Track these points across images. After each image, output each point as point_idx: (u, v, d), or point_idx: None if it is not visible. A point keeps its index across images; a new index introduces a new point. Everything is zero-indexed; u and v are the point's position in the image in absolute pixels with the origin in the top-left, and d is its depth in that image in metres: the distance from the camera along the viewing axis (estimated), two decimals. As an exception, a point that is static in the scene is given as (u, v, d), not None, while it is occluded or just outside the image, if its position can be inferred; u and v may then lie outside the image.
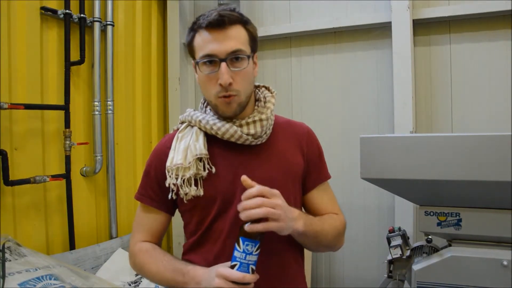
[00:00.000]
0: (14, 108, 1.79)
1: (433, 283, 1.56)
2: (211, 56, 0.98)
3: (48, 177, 1.93)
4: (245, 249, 0.87)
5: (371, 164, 1.55)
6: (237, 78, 0.99)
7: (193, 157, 1.01)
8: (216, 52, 0.97)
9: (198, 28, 1.01)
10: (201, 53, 0.99)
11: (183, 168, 1.01)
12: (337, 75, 2.54)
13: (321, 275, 2.60)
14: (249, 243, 0.88)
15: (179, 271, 0.99)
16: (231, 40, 0.98)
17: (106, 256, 2.14)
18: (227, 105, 1.00)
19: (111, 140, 2.34)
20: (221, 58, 0.97)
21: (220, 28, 0.98)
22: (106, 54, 2.32)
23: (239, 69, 0.99)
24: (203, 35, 1.00)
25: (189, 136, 1.06)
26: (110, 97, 2.33)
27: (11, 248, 1.63)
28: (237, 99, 1.01)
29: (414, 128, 2.24)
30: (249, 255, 0.88)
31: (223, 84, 0.97)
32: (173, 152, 1.05)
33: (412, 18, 2.26)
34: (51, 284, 1.54)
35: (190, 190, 1.01)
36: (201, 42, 1.00)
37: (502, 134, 1.37)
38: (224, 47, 0.97)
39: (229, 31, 0.98)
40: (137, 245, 1.11)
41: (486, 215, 1.52)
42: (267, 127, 1.06)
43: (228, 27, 0.98)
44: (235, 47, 0.98)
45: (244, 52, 1.00)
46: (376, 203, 2.42)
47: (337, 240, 1.13)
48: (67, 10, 2.06)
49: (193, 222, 1.08)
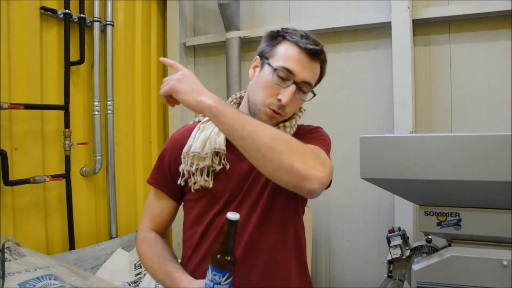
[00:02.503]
0: (14, 108, 1.79)
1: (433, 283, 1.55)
2: (291, 73, 1.01)
3: (48, 177, 1.93)
4: (213, 278, 0.86)
5: (371, 164, 1.55)
6: (293, 104, 1.03)
7: (211, 149, 1.03)
8: (297, 74, 1.01)
9: (294, 42, 1.02)
10: (284, 64, 1.01)
11: (199, 157, 1.03)
12: (337, 75, 2.54)
13: (321, 275, 2.59)
14: (217, 273, 0.85)
15: (168, 275, 1.00)
16: (312, 73, 1.04)
17: (106, 256, 2.14)
18: (270, 119, 1.03)
19: (111, 140, 2.34)
20: (296, 81, 1.01)
21: (312, 58, 1.03)
22: (106, 54, 2.32)
23: (299, 98, 1.04)
24: (296, 51, 1.02)
25: (211, 128, 1.07)
26: (110, 97, 2.33)
27: (11, 248, 1.63)
28: (280, 119, 1.05)
29: (414, 128, 2.24)
30: (217, 284, 0.86)
31: (282, 102, 1.00)
32: (192, 140, 1.06)
33: (411, 18, 2.26)
34: (51, 284, 1.54)
35: (200, 180, 1.03)
36: (290, 55, 1.01)
37: (502, 134, 1.37)
38: (305, 75, 1.02)
39: (315, 65, 1.05)
40: (142, 233, 1.13)
41: (486, 215, 1.52)
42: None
43: (317, 60, 1.04)
44: (310, 80, 1.04)
45: (311, 88, 1.05)
46: (376, 203, 2.42)
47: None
48: (66, 10, 2.07)
49: (194, 213, 1.08)
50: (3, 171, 1.77)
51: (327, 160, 0.95)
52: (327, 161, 0.94)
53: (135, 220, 2.57)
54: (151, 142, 2.76)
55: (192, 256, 1.08)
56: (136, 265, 2.13)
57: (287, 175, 0.85)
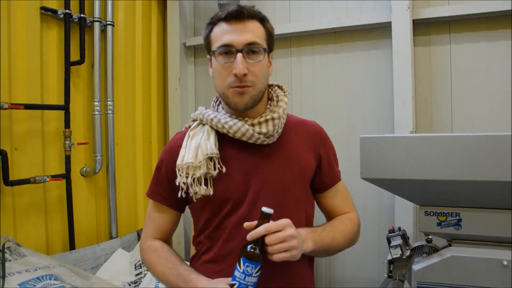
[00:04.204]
0: (14, 108, 1.80)
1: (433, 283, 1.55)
2: (228, 46, 0.98)
3: (48, 177, 1.93)
4: (245, 270, 0.87)
5: (371, 164, 1.55)
6: (253, 69, 0.99)
7: (204, 156, 1.01)
8: (234, 42, 0.98)
9: (217, 20, 1.02)
10: (218, 43, 1.00)
11: (194, 167, 1.01)
12: (337, 75, 2.54)
13: (321, 275, 2.59)
14: (250, 264, 0.87)
15: (182, 278, 1.00)
16: (248, 32, 0.99)
17: (106, 256, 2.14)
18: (240, 96, 1.00)
19: (111, 140, 2.34)
20: (238, 49, 0.98)
21: (239, 20, 0.99)
22: (106, 54, 2.32)
23: (255, 61, 1.00)
24: (222, 27, 1.00)
25: (200, 134, 1.06)
26: (110, 97, 2.33)
27: (11, 248, 1.63)
28: (251, 91, 1.00)
29: (414, 128, 2.24)
30: (249, 276, 0.87)
31: (237, 74, 0.97)
32: (184, 150, 1.05)
33: (412, 18, 2.25)
34: (51, 284, 1.54)
35: (200, 190, 1.01)
36: (219, 33, 1.01)
37: (502, 134, 1.37)
38: (242, 38, 0.98)
39: (248, 24, 1.00)
40: (147, 242, 1.13)
41: (486, 215, 1.52)
42: (279, 126, 1.06)
43: (247, 20, 1.00)
44: (252, 39, 0.99)
45: (261, 45, 1.01)
46: (376, 203, 2.42)
47: (350, 243, 1.15)
48: (67, 10, 2.07)
49: (202, 220, 1.08)
50: (3, 171, 1.77)
51: (351, 199, 1.24)
52: (351, 200, 1.24)
53: (136, 220, 2.57)
54: (151, 142, 2.76)
55: (203, 258, 1.08)
56: (136, 265, 2.13)
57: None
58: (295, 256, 0.92)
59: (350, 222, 1.15)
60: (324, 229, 1.07)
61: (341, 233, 1.10)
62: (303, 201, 1.09)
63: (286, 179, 1.05)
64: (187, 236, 2.80)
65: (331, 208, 1.18)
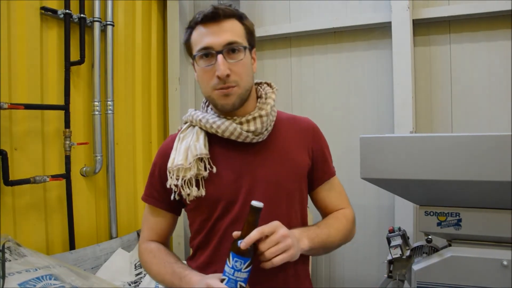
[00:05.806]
0: (14, 108, 1.79)
1: (433, 283, 1.55)
2: (207, 48, 0.99)
3: (48, 177, 1.93)
4: (234, 265, 0.86)
5: (371, 164, 1.55)
6: (235, 69, 0.99)
7: (194, 157, 1.01)
8: (212, 44, 0.98)
9: (194, 24, 1.02)
10: (198, 47, 1.00)
11: (184, 168, 1.01)
12: (337, 75, 2.54)
13: (321, 275, 2.60)
14: (239, 259, 0.86)
15: (177, 275, 1.00)
16: (226, 32, 0.99)
17: (106, 256, 2.14)
18: (226, 98, 1.00)
19: (111, 140, 2.34)
20: (217, 50, 0.98)
21: (215, 21, 0.99)
22: (106, 54, 2.32)
23: (236, 61, 0.99)
24: (199, 30, 1.01)
25: (190, 136, 1.06)
26: (110, 97, 2.33)
27: (11, 248, 1.63)
28: (237, 90, 1.00)
29: (414, 128, 2.24)
30: (238, 271, 0.87)
31: (220, 76, 0.97)
32: (175, 152, 1.05)
33: (412, 18, 2.26)
34: (51, 284, 1.54)
35: (192, 191, 1.01)
36: (197, 37, 1.01)
37: (502, 134, 1.37)
38: (220, 39, 0.98)
39: (224, 24, 0.99)
40: (144, 243, 1.13)
41: (486, 215, 1.52)
42: (268, 124, 1.06)
43: (223, 20, 0.99)
44: (230, 39, 0.99)
45: (240, 44, 1.00)
46: (376, 203, 2.42)
47: (345, 239, 1.14)
48: (67, 10, 2.06)
49: (197, 221, 1.08)
50: (3, 171, 1.77)
51: (346, 195, 1.24)
52: (346, 196, 1.24)
53: (136, 220, 2.57)
54: (151, 142, 2.76)
55: (199, 259, 1.08)
56: (137, 265, 2.13)
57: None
58: (293, 256, 0.91)
59: (345, 218, 1.15)
60: (318, 226, 1.08)
61: (336, 229, 1.09)
62: (297, 196, 1.08)
63: (278, 175, 1.05)
64: (187, 236, 2.80)
65: (326, 204, 1.17)
